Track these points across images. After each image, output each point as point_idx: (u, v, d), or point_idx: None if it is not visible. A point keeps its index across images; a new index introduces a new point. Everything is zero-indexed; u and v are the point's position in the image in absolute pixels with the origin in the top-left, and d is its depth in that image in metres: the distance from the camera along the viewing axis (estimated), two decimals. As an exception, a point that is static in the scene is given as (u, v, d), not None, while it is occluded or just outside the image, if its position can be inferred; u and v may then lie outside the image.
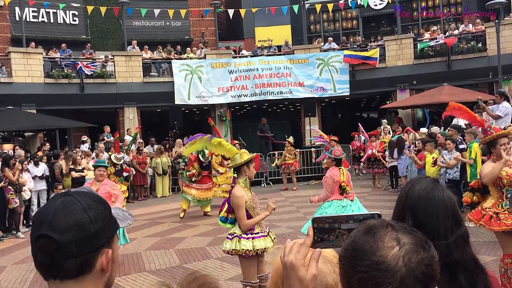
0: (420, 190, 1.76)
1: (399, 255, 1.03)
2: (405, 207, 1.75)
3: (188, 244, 9.22)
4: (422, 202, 1.73)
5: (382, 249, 1.04)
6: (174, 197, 15.86)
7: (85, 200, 1.26)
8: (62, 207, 1.23)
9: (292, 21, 26.52)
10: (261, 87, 21.32)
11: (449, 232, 1.65)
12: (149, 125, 22.49)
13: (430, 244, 1.08)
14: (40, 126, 17.98)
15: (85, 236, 1.21)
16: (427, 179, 1.83)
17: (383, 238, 1.06)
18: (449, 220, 1.69)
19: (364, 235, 1.08)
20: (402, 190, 1.85)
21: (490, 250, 7.53)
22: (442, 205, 1.71)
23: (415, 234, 1.09)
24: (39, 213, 1.27)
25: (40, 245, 1.22)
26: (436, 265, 1.07)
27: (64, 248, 1.19)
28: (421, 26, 25.02)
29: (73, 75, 19.62)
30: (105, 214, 1.28)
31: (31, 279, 7.54)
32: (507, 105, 10.62)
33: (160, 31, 25.54)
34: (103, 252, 1.25)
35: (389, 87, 21.26)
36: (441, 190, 1.76)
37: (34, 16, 23.47)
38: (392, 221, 1.12)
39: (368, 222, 1.13)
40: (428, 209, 1.70)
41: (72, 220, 1.21)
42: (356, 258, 1.06)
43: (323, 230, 1.23)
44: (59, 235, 1.19)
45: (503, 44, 17.82)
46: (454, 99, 16.62)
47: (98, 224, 1.24)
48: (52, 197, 1.34)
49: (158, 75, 21.52)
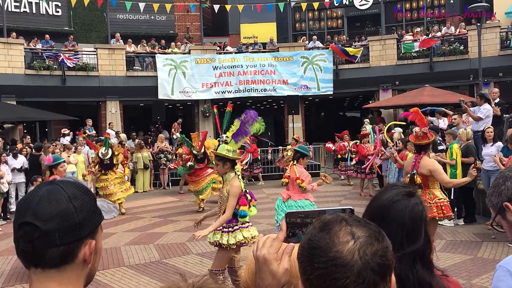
0: (385, 199, 1.76)
1: (354, 249, 1.04)
2: (367, 211, 1.76)
3: (168, 239, 9.18)
4: (382, 212, 1.73)
5: (337, 245, 1.05)
6: (155, 192, 15.77)
7: (70, 190, 1.25)
8: (47, 196, 1.22)
9: (278, 19, 26.55)
10: (245, 84, 21.33)
11: (397, 246, 1.60)
12: (132, 119, 22.33)
13: (383, 235, 1.10)
14: (20, 118, 17.71)
15: (69, 226, 1.20)
16: (401, 189, 1.81)
17: (338, 233, 1.07)
18: (401, 235, 1.67)
19: (319, 232, 1.09)
20: (376, 193, 1.86)
21: (467, 249, 7.66)
22: (399, 219, 1.70)
23: (369, 226, 1.10)
24: (23, 201, 1.25)
25: (23, 232, 1.21)
26: (391, 254, 1.09)
27: (47, 237, 1.18)
28: (404, 28, 25.26)
29: (55, 67, 19.37)
30: (90, 204, 1.27)
31: (7, 272, 7.45)
32: (488, 107, 10.79)
33: (145, 25, 25.33)
34: (86, 243, 1.24)
35: (372, 86, 21.46)
36: (407, 203, 1.74)
37: (16, 6, 23.05)
38: (346, 215, 1.13)
39: (323, 218, 1.14)
40: (385, 219, 1.69)
41: (57, 208, 1.20)
42: (313, 256, 1.07)
43: (296, 224, 1.24)
44: (43, 223, 1.18)
45: (484, 47, 18.09)
46: (435, 100, 16.95)
47: (83, 214, 1.23)
48: (37, 186, 1.32)
49: (142, 69, 21.37)
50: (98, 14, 24.37)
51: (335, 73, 21.47)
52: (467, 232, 8.70)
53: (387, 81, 21.15)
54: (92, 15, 24.58)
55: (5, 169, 11.65)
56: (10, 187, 12.09)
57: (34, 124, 20.17)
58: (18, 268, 7.54)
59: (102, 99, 20.26)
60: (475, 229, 8.84)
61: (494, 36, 19.82)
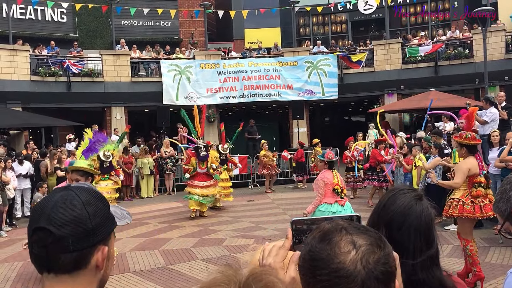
0: (400, 205, 1.73)
1: (357, 258, 1.03)
2: (381, 218, 1.72)
3: (174, 245, 9.16)
4: (399, 218, 1.70)
5: (339, 256, 1.04)
6: (160, 197, 15.77)
7: (84, 196, 1.26)
8: (62, 201, 1.23)
9: (282, 24, 26.60)
10: (249, 89, 21.34)
11: (418, 252, 1.64)
12: (136, 125, 22.36)
13: (385, 241, 1.08)
14: (25, 124, 17.77)
15: (82, 232, 1.21)
16: (410, 193, 1.79)
17: (339, 243, 1.06)
18: (420, 240, 1.67)
19: (320, 243, 1.08)
20: (382, 199, 1.82)
21: (474, 254, 7.58)
22: (417, 224, 1.69)
23: (369, 234, 1.08)
24: (38, 206, 1.27)
25: (37, 237, 1.22)
26: (393, 261, 1.07)
27: (61, 242, 1.19)
28: (409, 32, 25.23)
29: (60, 73, 19.45)
30: (104, 211, 1.28)
31: (13, 278, 7.44)
32: (494, 111, 10.73)
33: (149, 30, 25.44)
34: (99, 249, 1.25)
35: (377, 91, 21.41)
36: (421, 207, 1.73)
37: (22, 13, 23.22)
38: (346, 223, 1.11)
39: (322, 227, 1.12)
40: (403, 226, 1.68)
41: (71, 214, 1.21)
42: (315, 268, 1.06)
43: (302, 232, 1.22)
44: (57, 229, 1.19)
45: (489, 51, 18.03)
46: (440, 105, 16.88)
47: (96, 221, 1.24)
48: (52, 191, 1.33)
49: (147, 75, 21.43)
50: (103, 20, 24.50)
51: (340, 77, 21.44)
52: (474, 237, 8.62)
53: (392, 86, 21.10)
54: (97, 21, 24.72)
55: (11, 175, 11.68)
56: (16, 193, 12.12)
57: (40, 130, 20.24)
58: (23, 274, 7.54)
59: (107, 105, 20.32)
60: (483, 234, 8.76)
61: (499, 40, 19.75)
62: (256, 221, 11.07)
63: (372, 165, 12.35)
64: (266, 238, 9.17)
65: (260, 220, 11.14)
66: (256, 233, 9.83)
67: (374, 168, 12.29)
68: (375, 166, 12.23)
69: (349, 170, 13.69)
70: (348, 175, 13.60)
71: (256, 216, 11.65)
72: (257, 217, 11.60)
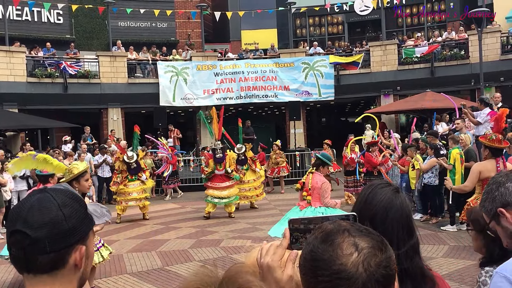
0: (382, 199, 1.78)
1: (358, 261, 1.04)
2: (364, 213, 1.75)
3: (171, 246, 9.16)
4: (382, 211, 1.75)
5: (341, 257, 1.05)
6: (158, 199, 15.76)
7: (60, 198, 1.28)
8: (38, 204, 1.26)
9: (278, 25, 26.62)
10: (246, 90, 21.36)
11: (401, 242, 1.68)
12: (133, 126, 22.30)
13: (386, 244, 1.10)
14: (22, 125, 17.74)
15: (58, 233, 1.24)
16: (388, 187, 1.83)
17: (341, 245, 1.07)
18: (402, 231, 1.72)
19: (322, 243, 1.09)
20: (362, 194, 1.84)
21: (470, 255, 7.61)
22: (398, 216, 1.74)
23: (372, 236, 1.10)
24: (15, 209, 1.30)
25: (14, 240, 1.25)
26: (394, 264, 1.09)
27: (38, 244, 1.22)
28: (405, 33, 25.30)
29: (57, 74, 19.42)
30: (80, 211, 1.31)
31: (9, 281, 7.43)
32: (487, 112, 10.76)
33: (146, 32, 25.43)
34: (76, 249, 1.28)
35: (373, 92, 21.46)
36: (399, 200, 1.78)
37: (18, 15, 23.17)
38: (348, 225, 1.12)
39: (324, 227, 1.12)
40: (386, 219, 1.73)
41: (47, 217, 1.24)
42: (317, 268, 1.07)
43: (299, 231, 1.23)
44: (33, 231, 1.22)
45: (485, 52, 18.10)
46: (436, 105, 16.94)
47: (72, 222, 1.27)
48: (28, 194, 1.36)
49: (143, 76, 21.42)
50: (99, 21, 24.47)
51: (336, 78, 21.49)
52: (470, 238, 8.63)
53: (389, 87, 21.15)
54: (93, 22, 24.69)
55: (8, 177, 11.66)
56: (12, 195, 12.09)
57: (36, 132, 20.19)
58: (20, 277, 7.51)
59: (103, 106, 20.30)
60: (478, 234, 8.78)
61: (495, 41, 19.84)
62: (253, 222, 11.08)
63: (369, 169, 11.32)
64: (263, 239, 9.18)
65: (257, 221, 11.16)
66: (253, 234, 9.84)
67: (371, 173, 11.26)
68: (372, 170, 11.23)
69: (350, 174, 12.52)
70: (349, 179, 12.57)
71: (253, 217, 11.66)
72: (254, 218, 11.61)
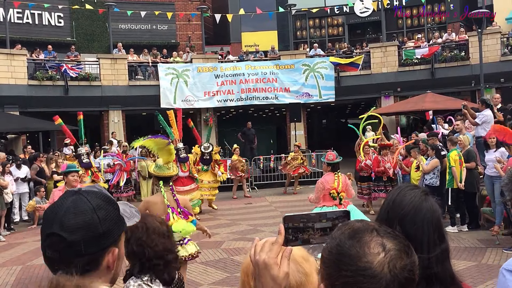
0: (412, 200, 1.74)
1: (385, 261, 1.06)
2: (392, 214, 1.75)
3: (172, 248, 9.16)
4: (412, 213, 1.71)
5: (368, 255, 1.06)
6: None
7: (95, 200, 1.31)
8: (73, 207, 1.28)
9: (279, 27, 26.65)
10: (247, 92, 21.37)
11: (432, 246, 1.65)
12: (134, 128, 22.35)
13: (412, 249, 1.12)
14: (23, 128, 17.76)
15: (93, 236, 1.27)
16: (417, 189, 1.80)
17: (369, 243, 1.08)
18: (434, 234, 1.69)
19: (349, 239, 1.10)
20: (390, 196, 1.84)
21: (471, 256, 7.63)
22: (430, 218, 1.71)
23: (399, 239, 1.11)
24: (50, 210, 1.31)
25: (50, 242, 1.27)
26: (417, 269, 1.10)
27: (73, 247, 1.25)
28: (405, 34, 25.32)
29: (58, 77, 19.45)
30: (114, 214, 1.33)
31: (11, 283, 7.44)
32: (487, 113, 10.67)
33: (146, 34, 25.46)
34: (109, 251, 1.31)
35: (373, 93, 21.48)
36: (429, 202, 1.75)
37: (19, 17, 23.19)
38: (377, 225, 1.13)
39: (352, 224, 1.14)
40: (416, 221, 1.69)
41: (82, 220, 1.26)
42: (341, 263, 1.08)
43: (299, 229, 1.24)
44: (69, 234, 1.25)
45: (485, 53, 18.12)
46: (437, 107, 16.96)
47: (106, 225, 1.29)
48: (63, 195, 1.38)
49: (144, 78, 21.43)
50: (100, 24, 24.50)
51: (337, 80, 21.51)
52: (471, 238, 8.67)
53: (389, 88, 21.17)
54: (94, 25, 24.72)
55: (9, 180, 11.68)
56: (14, 197, 12.12)
57: (37, 134, 20.22)
58: (22, 279, 7.55)
59: (104, 108, 20.32)
60: (479, 235, 8.81)
61: (495, 42, 19.85)
62: (254, 223, 11.10)
63: (378, 175, 10.91)
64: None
65: (258, 223, 11.17)
66: (254, 235, 9.84)
67: (380, 178, 10.85)
68: (381, 175, 10.85)
69: (364, 180, 11.62)
70: (363, 186, 11.63)
71: (254, 219, 11.67)
72: (255, 220, 11.62)
